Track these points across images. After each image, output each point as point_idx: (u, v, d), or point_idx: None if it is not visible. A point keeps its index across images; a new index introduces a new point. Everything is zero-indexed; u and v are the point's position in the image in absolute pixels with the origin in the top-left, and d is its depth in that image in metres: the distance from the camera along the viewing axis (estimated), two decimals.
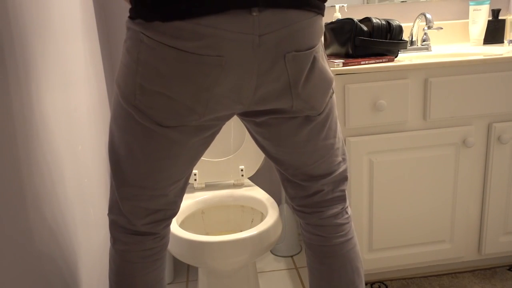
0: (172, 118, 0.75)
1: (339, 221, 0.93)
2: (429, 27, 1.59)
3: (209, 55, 0.69)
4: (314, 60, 0.79)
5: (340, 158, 0.92)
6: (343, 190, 0.94)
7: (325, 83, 0.83)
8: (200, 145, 0.83)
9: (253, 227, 1.24)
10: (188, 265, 1.78)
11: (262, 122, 0.86)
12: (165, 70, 0.71)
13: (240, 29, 0.68)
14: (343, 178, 0.94)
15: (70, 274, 0.97)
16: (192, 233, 1.30)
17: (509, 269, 1.59)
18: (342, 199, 0.95)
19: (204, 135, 0.81)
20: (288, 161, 0.90)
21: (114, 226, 0.88)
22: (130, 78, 0.74)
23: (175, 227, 1.25)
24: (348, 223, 0.95)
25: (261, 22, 0.69)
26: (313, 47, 0.77)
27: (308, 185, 0.92)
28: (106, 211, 1.32)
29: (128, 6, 1.62)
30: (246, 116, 0.87)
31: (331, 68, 1.30)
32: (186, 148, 0.81)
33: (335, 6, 1.70)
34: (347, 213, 0.95)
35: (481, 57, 1.34)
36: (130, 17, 0.74)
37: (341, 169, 0.93)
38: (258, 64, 0.72)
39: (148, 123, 0.76)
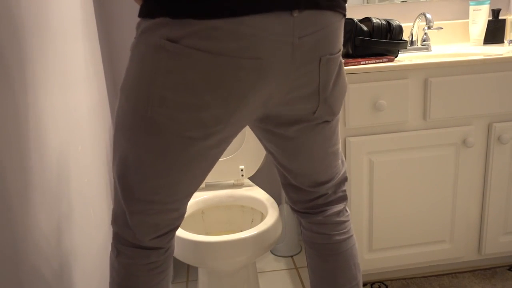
0: (195, 129, 0.70)
1: (342, 218, 0.95)
2: (429, 27, 1.59)
3: (248, 58, 0.65)
4: (340, 63, 0.79)
5: (340, 161, 0.94)
6: (344, 190, 0.96)
7: (345, 87, 0.84)
8: (215, 158, 0.78)
9: (253, 227, 1.24)
10: (188, 265, 1.78)
11: (279, 133, 0.84)
12: (194, 78, 0.65)
13: (282, 31, 0.66)
14: (344, 179, 0.96)
15: (70, 275, 0.97)
16: (192, 233, 1.30)
17: (509, 269, 1.59)
18: (344, 198, 0.96)
19: (222, 146, 0.77)
20: (299, 169, 0.89)
21: (118, 239, 0.83)
22: (144, 88, 0.68)
23: None
24: (348, 220, 0.96)
25: (300, 23, 0.67)
26: (341, 50, 0.77)
27: (313, 190, 0.93)
28: (107, 211, 1.32)
29: (133, 4, 1.62)
30: (263, 124, 0.84)
31: None
32: (202, 160, 0.76)
33: None
34: (347, 211, 0.97)
35: (481, 57, 1.34)
36: (145, 16, 0.67)
37: (342, 171, 0.94)
38: (295, 67, 0.70)
39: (166, 136, 0.70)
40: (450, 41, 1.82)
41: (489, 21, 1.73)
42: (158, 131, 0.70)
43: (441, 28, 1.64)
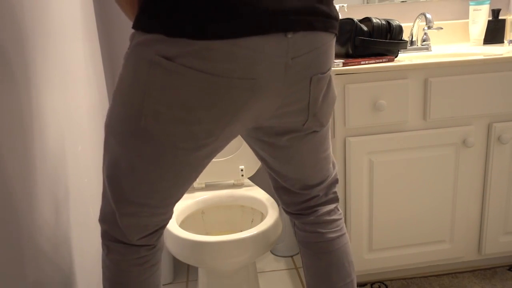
0: (187, 141, 0.71)
1: (333, 217, 0.96)
2: (429, 27, 1.59)
3: (241, 78, 0.66)
4: (330, 79, 0.81)
5: (331, 164, 0.95)
6: (335, 192, 0.98)
7: (334, 99, 0.85)
8: (205, 165, 0.81)
9: (253, 227, 1.25)
10: (188, 265, 1.78)
11: (270, 142, 0.85)
12: (187, 95, 0.66)
13: (276, 52, 0.67)
14: (335, 181, 0.97)
15: (70, 274, 0.97)
16: (192, 233, 1.30)
17: (509, 269, 1.58)
18: (335, 199, 0.98)
19: (213, 155, 0.79)
20: (290, 174, 0.91)
21: (107, 236, 0.84)
22: (138, 100, 0.68)
23: (175, 227, 1.25)
24: (341, 219, 0.97)
25: (294, 44, 0.68)
26: (331, 68, 0.79)
27: (305, 192, 0.94)
28: None
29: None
30: (254, 134, 0.86)
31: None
32: (194, 167, 0.77)
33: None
34: (338, 210, 0.98)
35: (481, 57, 1.34)
36: (140, 29, 0.66)
37: (333, 174, 0.96)
38: (286, 86, 0.71)
39: (158, 145, 0.71)
40: (450, 41, 1.82)
41: (489, 21, 1.73)
42: (150, 140, 0.71)
43: (441, 28, 1.64)
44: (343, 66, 1.31)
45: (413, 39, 1.70)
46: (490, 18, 1.76)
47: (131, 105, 0.70)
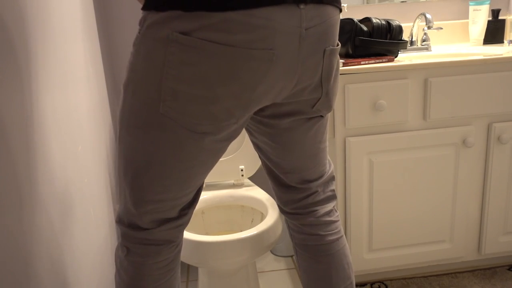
0: (208, 124, 0.70)
1: (332, 218, 0.95)
2: (429, 27, 1.59)
3: (260, 49, 0.67)
4: (338, 61, 0.83)
5: (327, 160, 0.96)
6: (333, 190, 0.97)
7: (338, 85, 0.87)
8: (224, 150, 0.79)
9: (253, 227, 1.25)
10: (188, 265, 1.78)
11: (273, 124, 0.84)
12: (206, 70, 0.66)
13: (290, 22, 0.68)
14: (332, 178, 0.97)
15: (70, 275, 0.97)
16: (192, 233, 1.30)
17: (509, 269, 1.59)
18: (333, 197, 0.97)
19: (231, 139, 0.78)
20: (290, 164, 0.90)
21: (128, 237, 0.82)
22: (155, 83, 0.68)
23: None
24: (338, 221, 0.97)
25: (306, 15, 0.70)
26: (339, 45, 0.81)
27: (303, 187, 0.93)
28: (107, 211, 1.32)
29: (133, 4, 1.61)
30: (258, 114, 0.84)
31: None
32: (213, 154, 0.77)
33: None
34: (336, 211, 0.98)
35: (481, 57, 1.34)
36: (153, 9, 0.66)
37: (330, 170, 0.96)
38: (302, 58, 0.73)
39: (178, 131, 0.70)
40: (450, 41, 1.82)
41: (489, 21, 1.73)
42: (169, 126, 0.70)
43: (441, 28, 1.64)
44: (343, 66, 1.31)
45: (413, 39, 1.70)
46: (490, 18, 1.76)
47: (147, 92, 0.69)
